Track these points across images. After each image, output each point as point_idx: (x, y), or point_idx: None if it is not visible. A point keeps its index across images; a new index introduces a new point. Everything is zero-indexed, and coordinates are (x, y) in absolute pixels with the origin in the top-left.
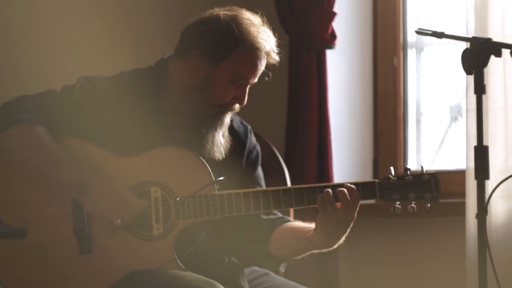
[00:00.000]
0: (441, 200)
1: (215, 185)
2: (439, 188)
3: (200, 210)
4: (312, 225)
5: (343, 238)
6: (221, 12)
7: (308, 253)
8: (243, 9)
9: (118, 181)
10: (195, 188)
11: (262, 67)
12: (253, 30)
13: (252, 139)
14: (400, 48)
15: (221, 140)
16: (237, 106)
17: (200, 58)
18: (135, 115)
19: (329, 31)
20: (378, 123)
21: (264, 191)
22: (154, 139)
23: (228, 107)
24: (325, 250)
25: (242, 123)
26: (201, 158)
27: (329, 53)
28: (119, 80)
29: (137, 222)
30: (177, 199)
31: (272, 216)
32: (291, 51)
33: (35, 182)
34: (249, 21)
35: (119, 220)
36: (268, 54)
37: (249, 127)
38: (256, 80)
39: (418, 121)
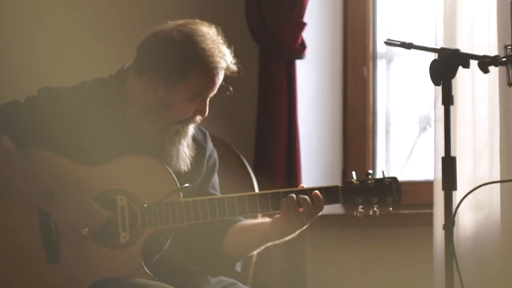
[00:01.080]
0: (409, 211)
1: (181, 193)
2: (400, 191)
3: (167, 217)
4: (263, 219)
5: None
6: (175, 29)
7: (263, 247)
8: (197, 21)
9: (84, 190)
10: (161, 196)
11: (220, 81)
12: (208, 48)
13: (210, 144)
14: (369, 59)
15: (185, 151)
16: (198, 118)
17: (158, 80)
18: (99, 124)
19: (299, 41)
20: (347, 133)
21: (229, 198)
22: (118, 148)
23: (189, 121)
24: (279, 241)
25: (200, 129)
26: (166, 166)
27: (298, 63)
28: (81, 90)
29: (104, 230)
30: (145, 205)
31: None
32: (261, 61)
33: (1, 192)
34: (203, 38)
35: (86, 229)
36: (227, 68)
37: (207, 132)
38: (215, 92)
39: (387, 131)
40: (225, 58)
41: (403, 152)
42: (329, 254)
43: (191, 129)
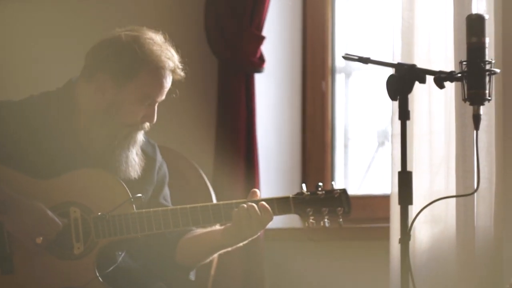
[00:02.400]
0: (366, 225)
1: (133, 204)
2: (349, 203)
3: (120, 228)
4: (215, 228)
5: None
6: (123, 33)
7: (215, 254)
8: (144, 27)
9: (38, 200)
10: (114, 207)
11: (168, 84)
12: (155, 49)
13: (159, 156)
14: (328, 73)
15: (135, 158)
16: (147, 124)
17: (106, 81)
18: (48, 138)
19: (258, 55)
20: (306, 147)
21: (182, 208)
22: (70, 161)
23: (138, 127)
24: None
25: (148, 141)
26: (118, 178)
27: (257, 77)
28: (29, 104)
29: (58, 241)
30: (99, 214)
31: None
32: (220, 74)
33: None
34: (151, 41)
35: (41, 238)
36: (173, 71)
37: (156, 145)
38: (163, 97)
39: (345, 146)
40: (173, 60)
41: (361, 166)
42: (286, 268)
43: (139, 137)
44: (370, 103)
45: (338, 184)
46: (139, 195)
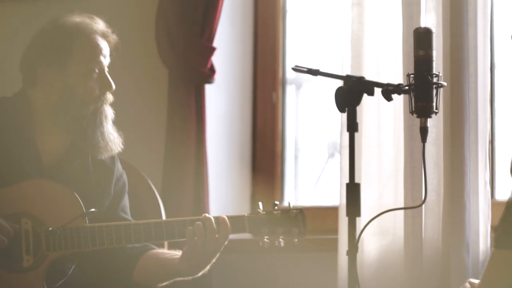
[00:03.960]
0: (315, 236)
1: (86, 218)
2: (306, 223)
3: (71, 242)
4: (176, 252)
5: (208, 267)
6: (43, 26)
7: (172, 280)
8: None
9: None
10: (66, 220)
11: (105, 47)
12: (78, 20)
13: (119, 166)
14: (279, 84)
15: (112, 133)
16: (110, 96)
17: (48, 73)
18: (5, 145)
19: (208, 66)
20: (256, 158)
21: (135, 224)
22: (26, 169)
23: (101, 99)
24: (189, 277)
25: None
26: (73, 191)
27: (208, 88)
28: None
29: (7, 253)
30: (50, 229)
31: (136, 244)
32: (170, 85)
33: None
34: (69, 16)
35: None
36: (104, 34)
37: (116, 154)
38: (108, 59)
39: (296, 157)
40: (98, 22)
41: (311, 177)
42: (234, 279)
43: (108, 111)
44: (320, 114)
45: (289, 198)
46: (93, 209)
